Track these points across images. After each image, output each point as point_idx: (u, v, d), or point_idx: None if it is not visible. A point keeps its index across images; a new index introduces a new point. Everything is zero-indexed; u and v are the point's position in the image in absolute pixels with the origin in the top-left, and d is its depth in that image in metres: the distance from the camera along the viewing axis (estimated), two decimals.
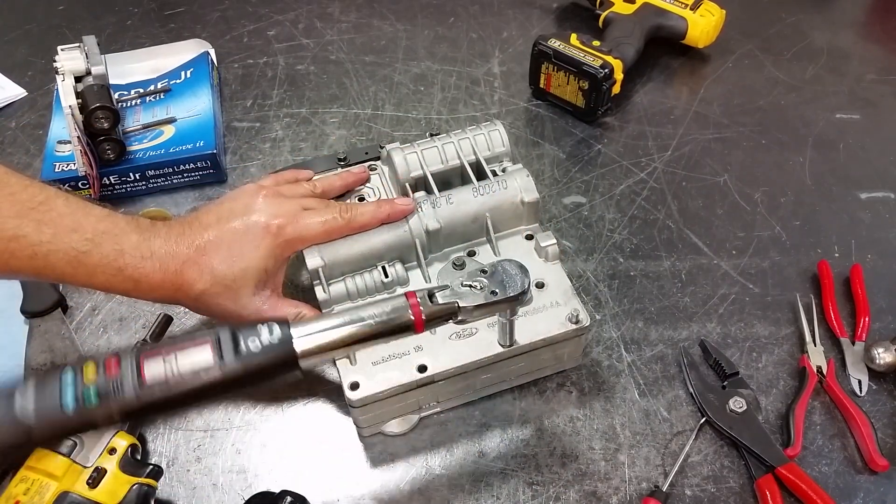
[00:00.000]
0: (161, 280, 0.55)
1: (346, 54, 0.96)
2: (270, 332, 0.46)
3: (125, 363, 0.43)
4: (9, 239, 0.51)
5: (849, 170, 0.83)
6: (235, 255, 0.57)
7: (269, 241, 0.58)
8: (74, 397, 0.42)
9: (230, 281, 0.57)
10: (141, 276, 0.55)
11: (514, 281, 0.52)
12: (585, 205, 0.79)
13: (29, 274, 0.54)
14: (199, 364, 0.44)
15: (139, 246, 0.55)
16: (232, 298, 0.57)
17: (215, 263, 0.56)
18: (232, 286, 0.57)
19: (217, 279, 0.56)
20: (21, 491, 0.52)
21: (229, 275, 0.57)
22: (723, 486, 0.60)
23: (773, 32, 0.99)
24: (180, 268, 0.56)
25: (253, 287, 0.58)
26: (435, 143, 0.69)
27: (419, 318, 0.49)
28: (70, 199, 0.55)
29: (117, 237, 0.54)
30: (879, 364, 0.64)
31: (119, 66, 0.86)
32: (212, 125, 0.82)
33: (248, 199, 0.60)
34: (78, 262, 0.53)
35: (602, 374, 0.66)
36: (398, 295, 0.50)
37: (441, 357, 0.58)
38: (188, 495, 0.60)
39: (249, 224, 0.58)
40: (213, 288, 0.57)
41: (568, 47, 0.84)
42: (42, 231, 0.52)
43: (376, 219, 0.62)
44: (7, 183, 0.52)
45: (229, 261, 0.57)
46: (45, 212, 0.52)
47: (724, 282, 0.73)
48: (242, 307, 0.58)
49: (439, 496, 0.60)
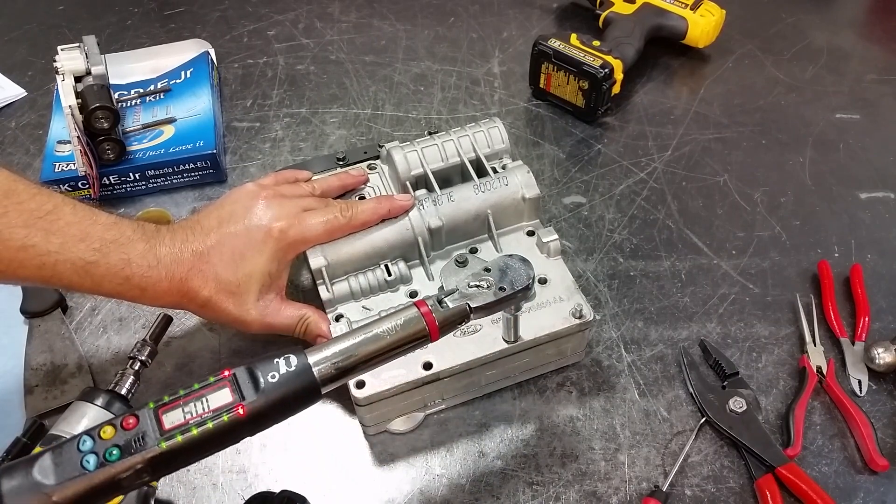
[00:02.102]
0: (168, 288, 0.56)
1: (346, 54, 0.96)
2: (288, 363, 0.45)
3: (143, 417, 0.43)
4: (17, 249, 0.51)
5: (849, 170, 0.83)
6: (239, 260, 0.57)
7: (272, 245, 0.58)
8: (96, 457, 0.41)
9: (235, 287, 0.57)
10: (148, 285, 0.55)
11: (519, 274, 0.52)
12: (585, 205, 0.79)
13: (36, 282, 0.54)
14: (221, 405, 0.43)
15: (146, 255, 0.55)
16: (237, 303, 0.58)
17: (219, 270, 0.57)
18: (237, 292, 0.57)
19: (222, 285, 0.57)
20: None
21: (234, 280, 0.57)
22: (723, 486, 0.60)
23: (773, 32, 0.99)
24: (186, 275, 0.56)
25: (257, 291, 0.58)
26: (435, 140, 0.69)
27: (433, 326, 0.49)
28: (77, 208, 0.55)
29: (124, 246, 0.55)
30: (879, 364, 0.64)
31: (119, 66, 0.86)
32: (212, 125, 0.82)
33: (248, 201, 0.60)
34: (85, 271, 0.53)
35: (602, 374, 0.66)
36: (408, 305, 0.50)
37: (446, 354, 0.59)
38: (188, 495, 0.60)
39: (252, 228, 0.58)
40: (218, 294, 0.57)
41: (568, 47, 0.84)
42: (50, 241, 0.52)
43: (377, 215, 0.62)
44: (15, 191, 0.52)
45: (233, 266, 0.57)
46: (53, 221, 0.53)
47: (724, 282, 0.73)
48: (247, 311, 0.58)
49: (439, 496, 0.60)
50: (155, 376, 0.66)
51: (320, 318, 0.61)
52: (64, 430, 0.55)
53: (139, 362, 0.61)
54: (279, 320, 0.60)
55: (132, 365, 0.61)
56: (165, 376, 0.66)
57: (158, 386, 0.65)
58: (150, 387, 0.65)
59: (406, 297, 0.63)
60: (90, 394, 0.58)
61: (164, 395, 0.44)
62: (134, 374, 0.60)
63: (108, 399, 0.57)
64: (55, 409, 0.63)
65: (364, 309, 0.62)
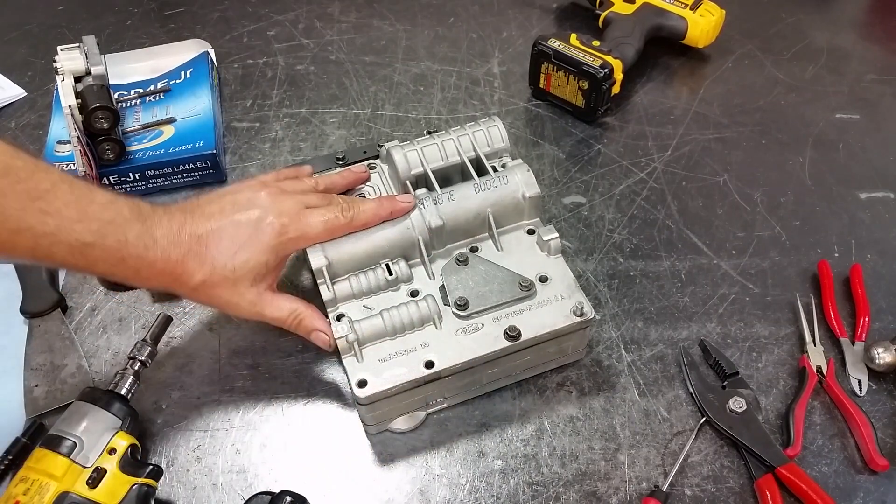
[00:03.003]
0: (162, 269, 0.56)
1: (346, 54, 0.96)
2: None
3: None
4: (12, 231, 0.50)
5: (849, 170, 0.83)
6: (237, 247, 0.57)
7: (272, 239, 0.58)
8: None
9: (230, 272, 0.57)
10: (142, 266, 0.55)
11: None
12: (585, 205, 0.79)
13: (29, 260, 0.55)
14: None
15: (142, 235, 0.55)
16: (229, 289, 0.58)
17: (216, 254, 0.57)
18: (231, 277, 0.57)
19: (217, 270, 0.57)
20: (21, 491, 0.52)
21: (229, 265, 0.57)
22: (723, 486, 0.60)
23: (773, 32, 0.99)
24: (182, 257, 0.56)
25: (251, 280, 0.58)
26: (434, 140, 0.69)
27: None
28: (74, 186, 0.54)
29: (121, 227, 0.54)
30: (879, 364, 0.64)
31: (119, 66, 0.86)
32: (211, 125, 0.82)
33: (250, 193, 0.60)
34: (80, 253, 0.53)
35: (602, 373, 0.66)
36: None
37: (448, 353, 0.59)
38: (188, 495, 0.60)
39: (252, 218, 0.58)
40: (212, 278, 0.57)
41: (568, 47, 0.84)
42: (46, 223, 0.51)
43: (378, 217, 0.62)
44: (13, 168, 0.51)
45: (230, 252, 0.57)
46: (51, 201, 0.52)
47: (724, 282, 0.73)
48: (240, 297, 0.58)
49: (439, 496, 0.59)
50: (155, 376, 0.66)
51: (314, 314, 0.61)
52: (64, 430, 0.55)
53: (139, 362, 0.61)
54: (271, 311, 0.60)
55: (132, 365, 0.61)
56: (165, 376, 0.66)
57: (158, 386, 0.65)
58: (149, 387, 0.65)
59: (407, 295, 0.63)
60: (90, 394, 0.58)
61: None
62: (134, 374, 0.61)
63: (108, 399, 0.58)
64: (55, 409, 0.63)
65: (365, 308, 0.62)
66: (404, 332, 0.60)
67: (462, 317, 0.60)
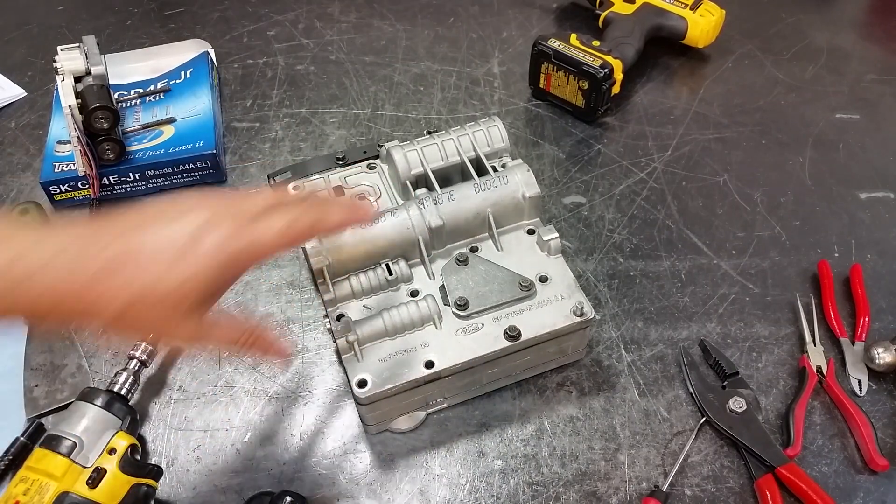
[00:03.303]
0: (65, 293, 0.42)
1: (346, 54, 0.96)
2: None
3: None
4: None
5: (849, 170, 0.83)
6: (169, 265, 0.44)
7: (214, 251, 0.45)
8: None
9: (163, 296, 0.43)
10: (34, 294, 0.41)
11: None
12: (585, 205, 0.79)
13: None
14: None
15: (29, 251, 0.41)
16: (162, 317, 0.45)
17: (139, 273, 0.43)
18: (164, 302, 0.44)
19: (147, 292, 0.43)
20: (21, 491, 0.52)
21: (160, 288, 0.43)
22: (723, 486, 0.60)
23: (773, 32, 0.99)
24: (94, 277, 0.42)
25: (191, 303, 0.45)
26: (434, 140, 0.69)
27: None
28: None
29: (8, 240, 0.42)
30: (879, 364, 0.64)
31: (119, 66, 0.86)
32: (211, 125, 0.82)
33: (185, 200, 0.48)
34: None
35: (602, 373, 0.66)
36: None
37: (448, 353, 0.59)
38: (188, 495, 0.60)
39: (185, 233, 0.44)
40: (139, 304, 0.43)
41: (568, 47, 0.84)
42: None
43: (347, 221, 0.52)
44: None
45: (160, 273, 0.43)
46: None
47: (724, 282, 0.73)
48: (175, 326, 0.46)
49: (439, 496, 0.59)
50: (155, 376, 0.66)
51: (266, 327, 0.51)
52: (64, 430, 0.55)
53: (139, 362, 0.61)
54: (219, 336, 0.49)
55: (132, 365, 0.61)
56: (165, 376, 0.66)
57: (158, 386, 0.65)
58: (149, 387, 0.65)
59: (407, 295, 0.63)
60: (90, 394, 0.58)
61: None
62: (134, 374, 0.61)
63: (107, 399, 0.58)
64: (55, 408, 0.63)
65: (365, 308, 0.62)
66: (404, 332, 0.60)
67: (462, 317, 0.60)
